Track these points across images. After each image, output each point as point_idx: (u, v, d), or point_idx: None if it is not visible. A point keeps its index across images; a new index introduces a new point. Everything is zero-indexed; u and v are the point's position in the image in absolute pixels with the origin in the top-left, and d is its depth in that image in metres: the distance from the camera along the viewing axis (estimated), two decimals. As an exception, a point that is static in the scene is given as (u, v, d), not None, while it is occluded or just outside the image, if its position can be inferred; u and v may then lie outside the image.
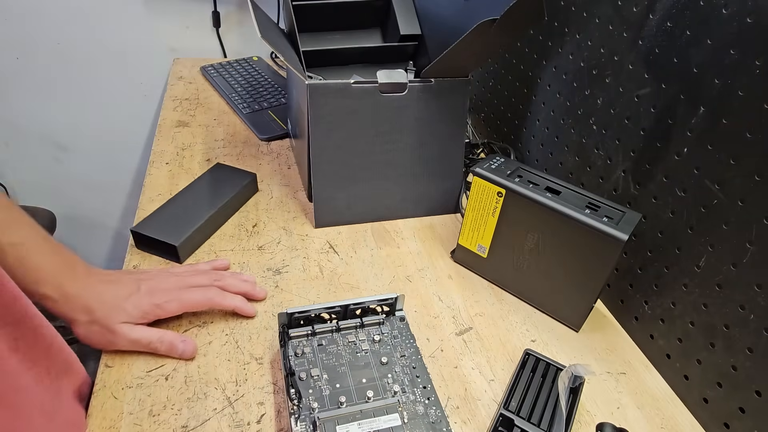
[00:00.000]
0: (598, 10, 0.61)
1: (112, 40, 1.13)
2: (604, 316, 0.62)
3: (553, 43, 0.70)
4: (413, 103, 0.65)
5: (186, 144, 0.84)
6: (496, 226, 0.60)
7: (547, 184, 0.57)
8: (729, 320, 0.47)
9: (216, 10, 1.15)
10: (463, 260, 0.66)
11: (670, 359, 0.54)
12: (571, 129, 0.67)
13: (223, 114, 0.94)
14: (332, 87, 0.61)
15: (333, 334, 0.50)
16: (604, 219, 0.52)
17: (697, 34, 0.48)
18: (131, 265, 0.59)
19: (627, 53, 0.57)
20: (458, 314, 0.59)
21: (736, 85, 0.45)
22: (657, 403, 0.52)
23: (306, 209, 0.72)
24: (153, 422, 0.44)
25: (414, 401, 0.45)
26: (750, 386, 0.45)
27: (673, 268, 0.53)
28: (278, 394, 0.47)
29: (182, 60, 1.15)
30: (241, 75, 1.06)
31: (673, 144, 0.52)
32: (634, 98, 0.57)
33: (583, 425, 0.49)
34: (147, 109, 1.23)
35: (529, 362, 0.51)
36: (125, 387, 0.46)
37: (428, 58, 0.73)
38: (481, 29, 0.55)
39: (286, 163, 0.82)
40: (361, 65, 0.77)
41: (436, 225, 0.73)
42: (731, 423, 0.47)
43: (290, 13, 0.69)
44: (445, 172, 0.72)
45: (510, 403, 0.47)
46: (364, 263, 0.65)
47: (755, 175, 0.43)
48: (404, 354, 0.49)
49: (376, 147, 0.66)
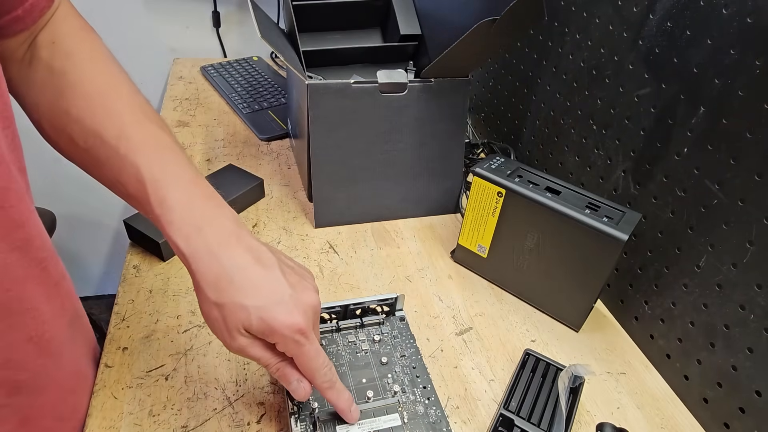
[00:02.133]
0: (598, 10, 0.61)
1: (112, 40, 1.11)
2: (604, 316, 0.62)
3: (553, 43, 0.70)
4: (413, 103, 0.65)
5: (186, 144, 0.84)
6: (496, 226, 0.60)
7: (547, 184, 0.57)
8: (729, 320, 0.47)
9: (216, 10, 1.15)
10: (463, 260, 0.66)
11: (670, 359, 0.54)
12: (571, 129, 0.67)
13: (223, 114, 0.94)
14: (332, 87, 0.61)
15: (333, 334, 0.50)
16: (604, 219, 0.52)
17: (697, 34, 0.48)
18: (131, 265, 0.59)
19: (627, 53, 0.57)
20: (458, 314, 0.59)
21: (736, 85, 0.45)
22: (657, 403, 0.52)
23: (306, 209, 0.72)
24: (153, 422, 0.44)
25: (414, 401, 0.45)
26: (750, 386, 0.45)
27: (673, 268, 0.53)
28: (278, 394, 0.47)
29: (182, 60, 1.15)
30: (241, 75, 1.06)
31: (673, 144, 0.52)
32: (634, 98, 0.57)
33: (583, 425, 0.49)
34: (147, 109, 1.23)
35: (529, 362, 0.51)
36: (125, 387, 0.46)
37: (428, 58, 0.73)
38: (481, 29, 0.55)
39: (286, 163, 0.82)
40: (361, 65, 0.77)
41: (436, 225, 0.73)
42: (731, 423, 0.47)
43: (290, 13, 0.69)
44: (445, 172, 0.72)
45: (510, 403, 0.47)
46: (364, 263, 0.65)
47: (755, 175, 0.43)
48: (404, 354, 0.49)
49: (376, 147, 0.66)
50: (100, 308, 1.49)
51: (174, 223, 0.35)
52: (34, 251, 0.35)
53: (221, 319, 0.35)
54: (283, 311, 0.35)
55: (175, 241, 0.35)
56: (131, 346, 0.50)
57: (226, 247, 0.36)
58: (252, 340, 0.36)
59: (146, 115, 0.39)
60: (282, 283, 0.36)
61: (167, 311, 0.54)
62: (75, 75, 0.38)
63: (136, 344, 0.50)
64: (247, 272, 0.35)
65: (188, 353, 0.50)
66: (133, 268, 0.59)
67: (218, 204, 0.38)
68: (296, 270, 0.39)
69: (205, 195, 0.38)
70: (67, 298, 0.42)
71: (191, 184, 0.37)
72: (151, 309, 0.54)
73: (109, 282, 1.53)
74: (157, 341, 0.51)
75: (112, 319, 0.53)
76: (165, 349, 0.50)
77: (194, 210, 0.36)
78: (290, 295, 0.36)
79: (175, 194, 0.36)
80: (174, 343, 0.51)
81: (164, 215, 0.35)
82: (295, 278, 0.37)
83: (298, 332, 0.35)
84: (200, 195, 0.37)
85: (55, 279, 0.39)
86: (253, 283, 0.35)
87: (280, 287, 0.36)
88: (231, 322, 0.35)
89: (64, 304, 0.41)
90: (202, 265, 0.35)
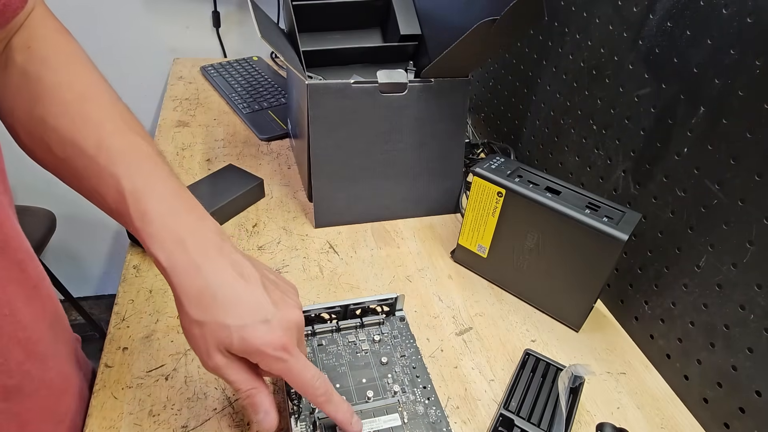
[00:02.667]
0: (598, 10, 0.61)
1: (112, 40, 1.13)
2: (604, 316, 0.62)
3: (553, 43, 0.70)
4: (413, 103, 0.65)
5: (186, 144, 0.84)
6: (496, 226, 0.60)
7: (547, 184, 0.57)
8: (729, 320, 0.47)
9: (216, 10, 1.15)
10: (463, 260, 0.66)
11: (670, 359, 0.54)
12: (571, 129, 0.67)
13: (223, 114, 0.94)
14: (332, 87, 0.61)
15: (333, 334, 0.50)
16: (604, 219, 0.52)
17: (697, 34, 0.48)
18: (131, 265, 0.59)
19: (627, 53, 0.57)
20: (458, 314, 0.59)
21: (736, 85, 0.45)
22: (657, 403, 0.52)
23: (306, 209, 0.72)
24: (153, 422, 0.44)
25: (414, 401, 0.45)
26: (750, 386, 0.45)
27: (673, 268, 0.53)
28: (278, 394, 0.47)
29: (182, 60, 1.15)
30: (241, 75, 1.06)
31: (673, 144, 0.52)
32: (634, 98, 0.57)
33: (583, 425, 0.49)
34: (147, 109, 1.23)
35: (529, 362, 0.51)
36: (125, 387, 0.46)
37: (428, 58, 0.73)
38: (481, 29, 0.55)
39: (286, 163, 0.82)
40: (361, 65, 0.77)
41: (436, 225, 0.73)
42: (731, 423, 0.47)
43: (290, 13, 0.69)
44: (445, 172, 0.72)
45: (510, 403, 0.47)
46: (364, 263, 0.65)
47: (755, 175, 0.43)
48: (404, 354, 0.49)
49: (376, 147, 0.66)
50: (100, 308, 1.49)
51: (155, 237, 0.34)
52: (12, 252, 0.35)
53: (201, 337, 0.34)
54: (265, 330, 0.34)
55: (156, 255, 0.34)
56: (131, 346, 0.50)
57: (209, 260, 0.35)
58: (230, 360, 0.35)
59: (127, 124, 0.38)
60: (264, 300, 0.35)
61: (167, 311, 0.54)
62: (51, 80, 0.37)
63: (136, 344, 0.50)
64: (230, 288, 0.34)
65: (188, 353, 0.50)
66: (133, 268, 0.59)
67: (201, 216, 0.37)
68: (280, 286, 0.38)
69: (188, 207, 0.37)
70: (48, 299, 0.41)
71: (173, 196, 0.36)
72: (151, 309, 0.54)
73: (109, 282, 1.53)
74: (157, 341, 0.51)
75: (112, 319, 0.53)
76: (165, 349, 0.50)
77: (176, 223, 0.35)
78: (273, 312, 0.35)
79: (157, 206, 0.35)
80: (174, 343, 0.51)
81: (145, 228, 0.34)
82: (278, 295, 0.37)
83: (281, 349, 0.34)
84: (182, 207, 0.36)
85: (34, 281, 0.38)
86: (235, 300, 0.34)
87: (263, 304, 0.35)
88: (211, 340, 0.34)
89: (45, 306, 0.40)
90: (183, 279, 0.34)
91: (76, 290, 1.30)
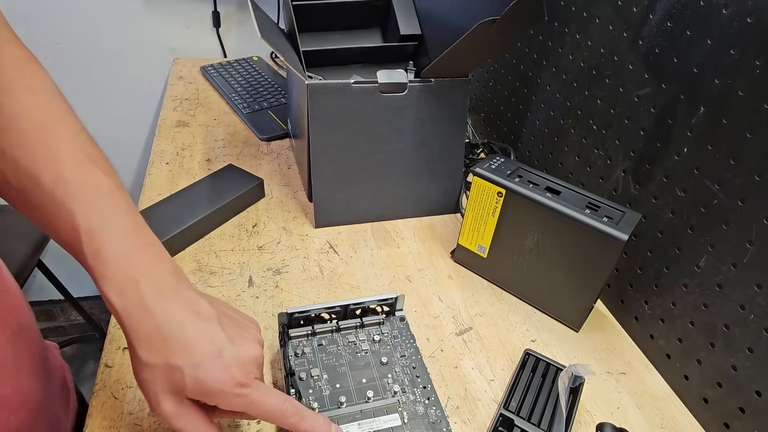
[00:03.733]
0: (598, 10, 0.61)
1: (112, 40, 1.13)
2: (604, 316, 0.62)
3: (553, 43, 0.70)
4: (413, 103, 0.65)
5: (186, 144, 0.84)
6: (496, 226, 0.60)
7: (547, 184, 0.57)
8: (729, 320, 0.47)
9: (216, 10, 1.15)
10: (463, 260, 0.66)
11: (670, 359, 0.54)
12: (571, 129, 0.67)
13: (223, 114, 0.94)
14: (332, 87, 0.61)
15: (333, 334, 0.50)
16: (604, 219, 0.52)
17: (697, 34, 0.48)
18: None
19: (627, 53, 0.57)
20: (458, 314, 0.59)
21: (736, 85, 0.45)
22: (657, 403, 0.52)
23: (306, 209, 0.72)
24: (153, 422, 0.44)
25: (414, 401, 0.45)
26: (750, 386, 0.45)
27: (673, 268, 0.53)
28: (278, 394, 0.47)
29: (182, 60, 1.15)
30: (241, 75, 1.06)
31: (673, 144, 0.52)
32: (634, 98, 0.57)
33: (583, 425, 0.49)
34: (147, 109, 1.23)
35: (529, 362, 0.51)
36: (125, 387, 0.46)
37: (428, 58, 0.73)
38: (481, 29, 0.55)
39: (286, 163, 0.82)
40: (361, 65, 0.77)
41: (436, 225, 0.73)
42: (731, 423, 0.47)
43: (290, 13, 0.69)
44: (445, 172, 0.72)
45: (510, 403, 0.47)
46: (364, 263, 0.65)
47: (755, 175, 0.43)
48: (404, 354, 0.49)
49: (376, 147, 0.66)
50: (100, 308, 1.49)
51: (107, 277, 0.33)
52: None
53: (151, 381, 0.33)
54: (219, 366, 0.33)
55: (108, 296, 0.33)
56: (131, 346, 0.50)
57: (163, 300, 0.33)
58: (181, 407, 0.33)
59: (88, 157, 0.36)
60: (219, 336, 0.34)
61: (167, 311, 0.54)
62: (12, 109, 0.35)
63: (136, 344, 0.50)
64: (181, 328, 0.33)
65: (188, 353, 0.50)
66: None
67: (157, 255, 0.36)
68: (238, 321, 0.37)
69: (143, 246, 0.35)
70: (10, 312, 0.40)
71: (130, 234, 0.35)
72: (151, 309, 0.54)
73: (109, 282, 1.52)
74: (157, 341, 0.51)
75: (112, 319, 0.53)
76: (165, 349, 0.50)
77: (130, 263, 0.34)
78: (228, 348, 0.34)
79: (111, 245, 0.33)
80: (174, 343, 0.51)
81: (97, 268, 0.33)
82: (234, 330, 0.36)
83: (238, 386, 0.33)
84: (138, 246, 0.35)
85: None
86: (187, 340, 0.33)
87: (217, 342, 0.34)
88: (161, 384, 0.33)
89: (6, 319, 0.39)
90: (134, 321, 0.33)
91: (76, 290, 1.30)
